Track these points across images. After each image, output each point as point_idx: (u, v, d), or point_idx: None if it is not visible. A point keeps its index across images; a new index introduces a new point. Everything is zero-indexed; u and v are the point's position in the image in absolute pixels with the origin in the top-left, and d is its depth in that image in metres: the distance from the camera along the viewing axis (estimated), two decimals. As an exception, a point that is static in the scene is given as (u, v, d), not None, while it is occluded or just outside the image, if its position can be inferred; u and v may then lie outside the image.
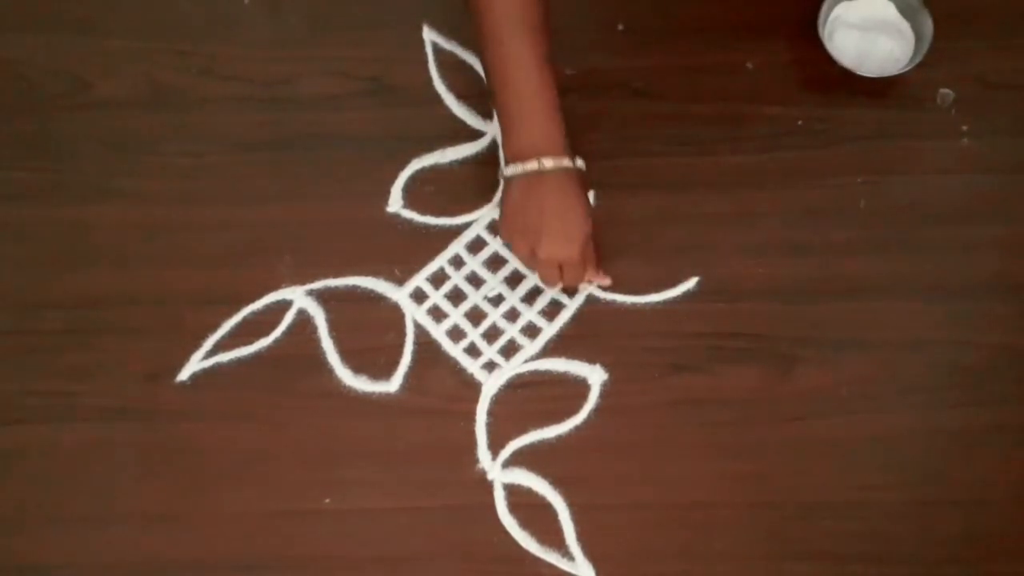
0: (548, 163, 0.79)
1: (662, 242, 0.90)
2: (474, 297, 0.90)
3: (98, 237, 0.92)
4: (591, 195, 0.90)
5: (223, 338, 0.88)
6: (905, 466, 0.84)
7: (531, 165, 0.79)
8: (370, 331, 0.88)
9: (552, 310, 0.89)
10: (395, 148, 0.94)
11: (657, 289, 0.89)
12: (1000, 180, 0.93)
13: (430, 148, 0.94)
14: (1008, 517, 0.83)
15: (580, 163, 0.82)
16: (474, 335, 0.88)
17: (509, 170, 0.80)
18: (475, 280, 0.90)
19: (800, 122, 0.94)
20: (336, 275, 0.90)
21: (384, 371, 0.87)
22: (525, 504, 0.83)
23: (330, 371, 0.87)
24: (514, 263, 0.90)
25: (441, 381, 0.87)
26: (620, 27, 0.97)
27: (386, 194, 0.92)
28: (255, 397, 0.86)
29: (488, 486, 0.84)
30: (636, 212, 0.91)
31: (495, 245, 0.91)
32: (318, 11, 0.99)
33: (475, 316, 0.89)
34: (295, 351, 0.88)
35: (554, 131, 0.80)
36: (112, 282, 0.90)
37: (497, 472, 0.84)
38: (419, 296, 0.89)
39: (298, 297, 0.89)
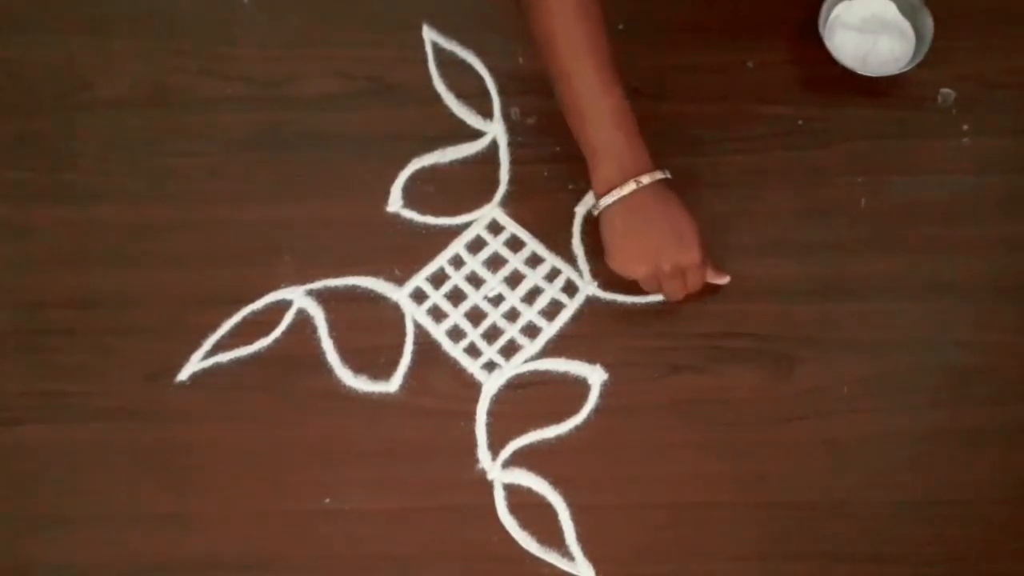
0: (645, 179, 0.80)
1: (662, 242, 0.90)
2: (474, 297, 0.89)
3: (98, 237, 0.92)
4: (591, 197, 0.90)
5: (223, 338, 0.88)
6: (905, 466, 0.84)
7: (628, 187, 0.79)
8: (370, 331, 0.88)
9: (552, 310, 0.89)
10: (395, 148, 0.94)
11: (657, 289, 0.89)
12: (1000, 180, 0.93)
13: (430, 148, 0.94)
14: (1008, 517, 0.83)
15: (667, 173, 0.82)
16: (474, 335, 0.88)
17: (605, 200, 0.80)
18: (475, 280, 0.90)
19: (800, 122, 0.94)
20: (336, 275, 0.90)
21: (384, 371, 0.87)
22: (525, 504, 0.83)
23: (330, 371, 0.87)
24: (514, 263, 0.90)
25: (441, 381, 0.87)
26: (620, 27, 0.97)
27: (386, 194, 0.92)
28: (255, 397, 0.86)
29: (488, 486, 0.84)
30: (636, 212, 0.91)
31: (495, 245, 0.91)
32: (318, 11, 0.99)
33: (475, 316, 0.89)
34: (295, 351, 0.88)
35: (639, 150, 0.80)
36: (112, 282, 0.90)
37: (497, 472, 0.84)
38: (419, 296, 0.89)
39: (298, 297, 0.89)
